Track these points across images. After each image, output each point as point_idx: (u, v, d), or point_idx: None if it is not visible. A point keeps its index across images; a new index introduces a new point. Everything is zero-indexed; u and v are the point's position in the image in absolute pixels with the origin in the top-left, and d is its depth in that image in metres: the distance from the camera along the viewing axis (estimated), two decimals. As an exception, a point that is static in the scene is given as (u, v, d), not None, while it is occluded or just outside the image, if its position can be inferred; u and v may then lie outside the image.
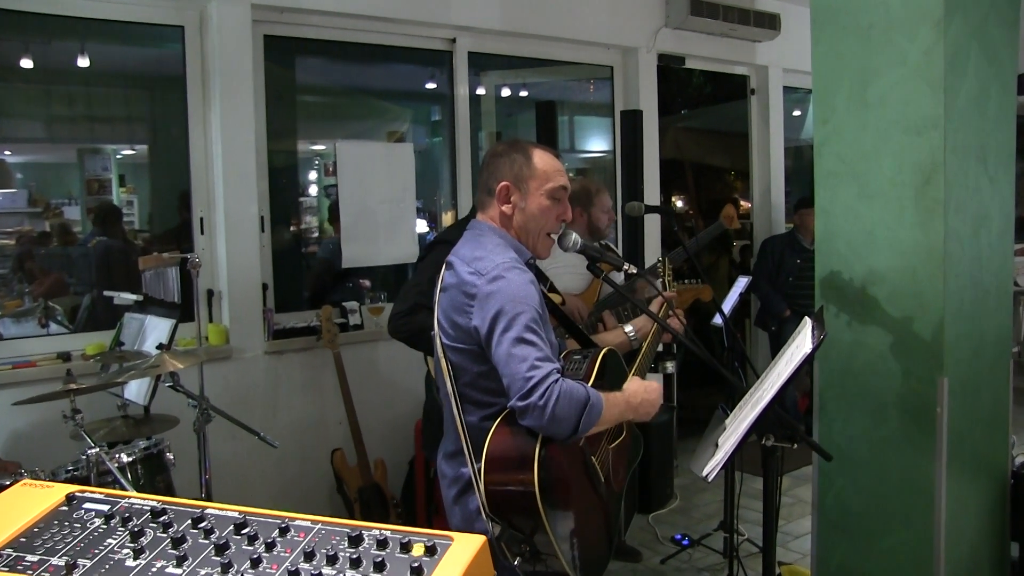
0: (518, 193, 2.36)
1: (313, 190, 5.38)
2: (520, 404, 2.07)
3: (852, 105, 3.16)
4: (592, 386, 2.29)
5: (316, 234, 5.32)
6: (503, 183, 2.36)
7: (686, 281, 3.39)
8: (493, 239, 2.35)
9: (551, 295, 3.37)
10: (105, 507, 1.47)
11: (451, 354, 2.30)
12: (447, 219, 5.44)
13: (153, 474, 3.29)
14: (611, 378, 2.49)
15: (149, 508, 1.46)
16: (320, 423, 4.55)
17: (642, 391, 2.37)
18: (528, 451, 2.12)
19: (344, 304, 4.75)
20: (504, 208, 2.37)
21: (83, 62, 4.18)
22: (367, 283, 5.10)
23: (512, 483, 2.15)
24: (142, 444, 3.33)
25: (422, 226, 5.36)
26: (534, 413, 2.06)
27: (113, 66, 4.41)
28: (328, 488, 4.51)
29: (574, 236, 2.48)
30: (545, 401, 2.04)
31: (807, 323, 2.46)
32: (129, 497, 1.51)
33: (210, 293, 4.31)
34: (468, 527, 2.28)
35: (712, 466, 2.21)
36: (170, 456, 3.37)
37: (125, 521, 1.43)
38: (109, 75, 4.40)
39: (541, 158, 2.38)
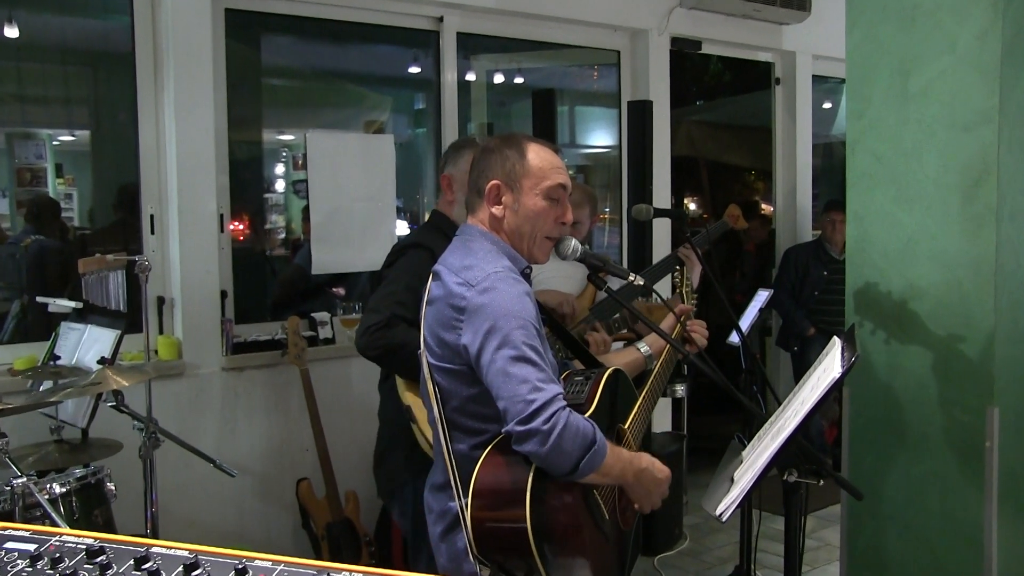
0: (510, 193, 2.37)
1: (280, 186, 5.36)
2: (520, 429, 2.07)
3: (891, 97, 3.17)
4: (595, 409, 2.30)
5: (283, 235, 5.30)
6: (493, 182, 2.38)
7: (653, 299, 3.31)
8: (484, 245, 2.35)
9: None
10: (31, 546, 1.44)
11: (438, 375, 2.31)
12: (431, 220, 5.43)
13: (90, 507, 3.24)
14: (620, 402, 2.48)
15: (84, 547, 1.43)
16: (284, 449, 4.52)
17: (648, 460, 2.37)
18: (520, 483, 2.12)
19: (314, 315, 4.74)
20: (494, 210, 2.38)
21: (11, 32, 4.13)
22: (340, 291, 5.07)
23: (502, 519, 2.15)
24: (78, 473, 3.28)
25: (402, 228, 5.33)
26: (536, 439, 2.06)
27: (49, 39, 4.37)
28: (292, 523, 4.49)
29: (574, 243, 2.49)
30: (551, 427, 2.05)
31: (836, 343, 2.46)
32: (61, 534, 1.48)
33: (160, 301, 4.28)
34: (456, 568, 2.29)
35: (727, 504, 2.20)
36: (111, 486, 3.32)
37: (55, 563, 1.40)
38: (44, 49, 4.35)
39: (536, 154, 2.39)
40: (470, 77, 5.59)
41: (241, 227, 4.88)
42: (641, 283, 2.56)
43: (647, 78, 5.89)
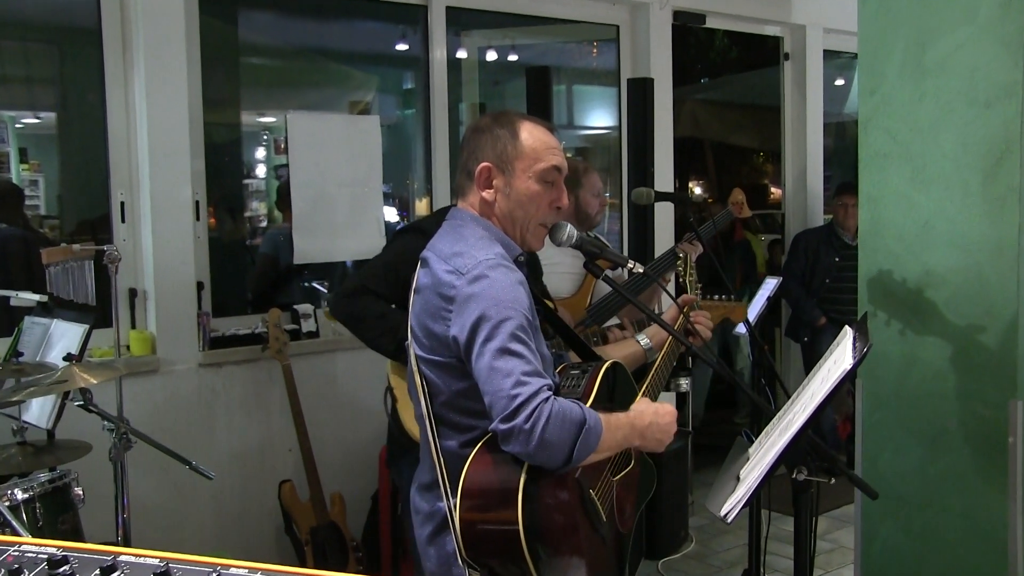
0: (501, 176, 2.36)
1: (261, 170, 5.34)
2: (503, 427, 2.06)
3: (907, 71, 3.16)
4: (592, 403, 2.29)
5: (264, 223, 5.29)
6: (483, 164, 2.37)
7: (714, 297, 3.38)
8: (476, 231, 2.35)
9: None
10: (-12, 558, 1.42)
11: (426, 368, 2.30)
12: (421, 207, 5.44)
13: (56, 514, 3.21)
14: (618, 397, 2.47)
15: (46, 557, 1.41)
16: (266, 450, 4.52)
17: (651, 413, 2.36)
18: (512, 482, 2.12)
19: (296, 307, 4.73)
20: (485, 194, 2.38)
21: (-33, 7, 4.13)
22: (324, 283, 5.05)
23: (492, 521, 2.15)
24: (43, 477, 3.26)
25: (391, 215, 5.32)
26: (519, 438, 2.05)
27: (9, 14, 4.33)
28: (275, 528, 4.48)
29: (569, 228, 2.48)
30: (532, 424, 2.04)
31: (848, 333, 2.46)
32: (21, 543, 1.46)
33: (132, 293, 4.26)
34: (445, 573, 2.30)
35: (732, 504, 2.19)
36: (78, 491, 3.29)
37: (13, 574, 1.37)
38: (4, 24, 4.32)
39: (530, 134, 2.38)
40: (461, 54, 5.58)
41: (220, 214, 4.87)
42: (640, 270, 2.55)
43: (648, 54, 5.86)
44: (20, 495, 3.12)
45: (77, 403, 3.36)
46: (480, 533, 2.17)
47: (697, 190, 8.77)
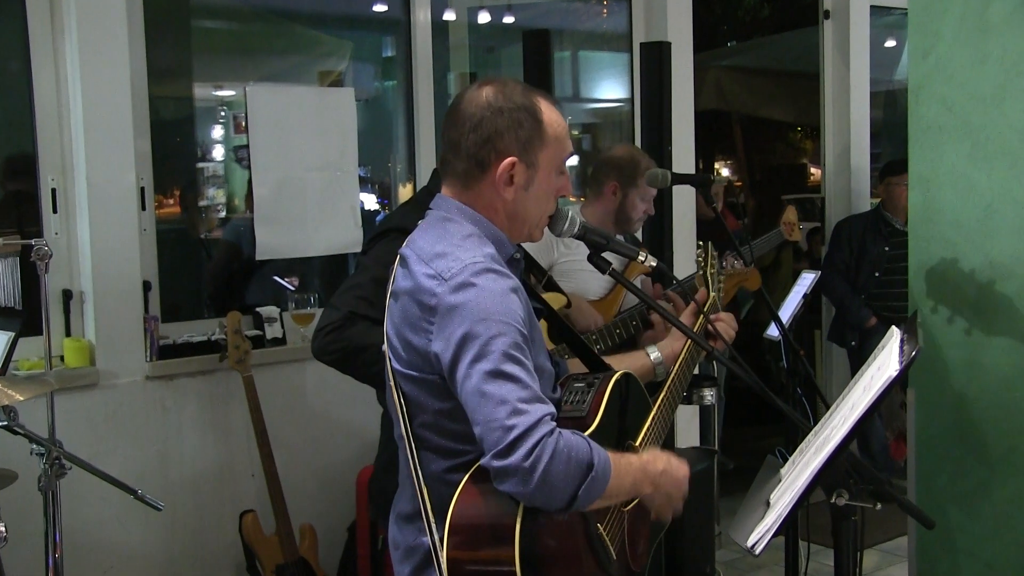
0: (525, 171, 2.32)
1: (217, 152, 5.32)
2: (497, 464, 2.04)
3: (965, 30, 3.16)
4: (600, 423, 2.28)
5: (223, 213, 5.27)
6: (510, 159, 2.30)
7: (723, 265, 3.34)
8: (464, 227, 2.32)
9: (550, 295, 3.33)
10: None
11: (404, 384, 2.29)
12: (404, 193, 5.42)
13: (-28, 554, 3.21)
14: (631, 414, 2.47)
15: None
16: (224, 475, 4.52)
17: (664, 459, 2.35)
18: (507, 517, 2.11)
19: (259, 310, 4.73)
20: (505, 192, 2.32)
21: None
22: (293, 281, 5.04)
23: (485, 559, 2.16)
24: (-42, 511, 3.24)
25: (370, 202, 5.30)
26: (516, 477, 2.03)
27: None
28: (235, 565, 4.48)
29: (570, 215, 2.46)
30: (533, 462, 2.02)
31: (894, 334, 2.45)
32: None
33: (67, 295, 4.24)
34: None
35: (760, 533, 2.18)
36: (0, 528, 3.23)
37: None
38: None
39: (550, 116, 2.35)
40: (448, 16, 5.59)
41: (170, 203, 4.86)
42: (654, 264, 2.55)
43: (665, 14, 5.86)
44: (-71, 533, 3.10)
45: (1, 424, 3.35)
46: (471, 573, 2.16)
47: (724, 171, 8.77)
